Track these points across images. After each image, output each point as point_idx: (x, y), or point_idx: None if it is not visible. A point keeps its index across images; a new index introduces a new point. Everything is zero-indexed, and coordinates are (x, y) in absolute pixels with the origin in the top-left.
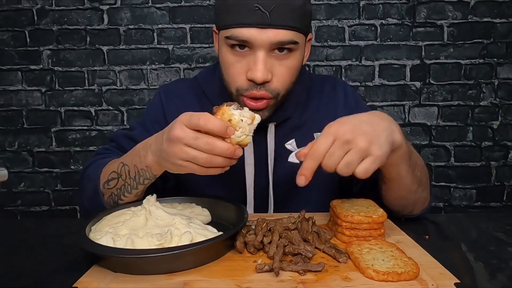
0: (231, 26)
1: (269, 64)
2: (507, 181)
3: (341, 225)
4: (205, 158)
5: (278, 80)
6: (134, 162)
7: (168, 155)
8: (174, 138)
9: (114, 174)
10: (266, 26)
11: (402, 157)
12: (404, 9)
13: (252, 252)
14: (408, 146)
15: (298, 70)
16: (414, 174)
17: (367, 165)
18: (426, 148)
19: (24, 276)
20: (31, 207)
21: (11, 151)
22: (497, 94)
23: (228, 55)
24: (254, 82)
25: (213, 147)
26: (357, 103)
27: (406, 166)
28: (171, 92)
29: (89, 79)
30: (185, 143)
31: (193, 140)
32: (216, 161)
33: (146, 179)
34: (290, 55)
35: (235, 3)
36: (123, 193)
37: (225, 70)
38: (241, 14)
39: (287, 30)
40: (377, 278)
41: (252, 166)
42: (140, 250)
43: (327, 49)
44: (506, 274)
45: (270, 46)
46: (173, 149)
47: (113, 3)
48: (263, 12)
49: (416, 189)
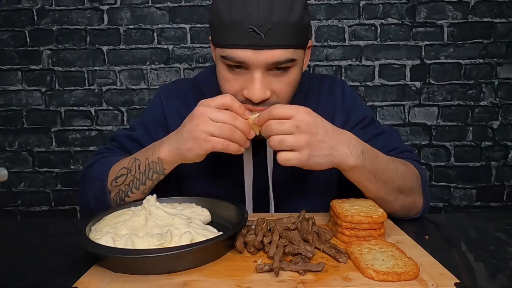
0: (226, 47)
1: (266, 82)
2: (507, 181)
3: (341, 225)
4: (230, 128)
5: (278, 96)
6: (146, 155)
7: (191, 131)
8: (198, 114)
9: (124, 170)
10: (262, 47)
11: (362, 177)
12: (404, 9)
13: (252, 252)
14: (371, 165)
15: (298, 82)
16: (387, 188)
17: (290, 156)
18: (426, 148)
19: (24, 276)
20: (31, 207)
21: (11, 151)
22: (497, 94)
23: (225, 72)
24: (251, 101)
25: (235, 117)
26: (355, 102)
27: (373, 182)
28: (171, 93)
29: (89, 79)
30: (209, 117)
31: (218, 113)
32: (237, 135)
33: (155, 173)
34: (288, 72)
35: (230, 24)
36: (131, 189)
37: (221, 85)
38: (236, 36)
39: (284, 49)
40: (377, 278)
41: (251, 167)
42: (140, 250)
43: (327, 49)
44: (506, 274)
45: (266, 66)
46: (197, 122)
47: (113, 3)
48: (258, 34)
49: (394, 199)
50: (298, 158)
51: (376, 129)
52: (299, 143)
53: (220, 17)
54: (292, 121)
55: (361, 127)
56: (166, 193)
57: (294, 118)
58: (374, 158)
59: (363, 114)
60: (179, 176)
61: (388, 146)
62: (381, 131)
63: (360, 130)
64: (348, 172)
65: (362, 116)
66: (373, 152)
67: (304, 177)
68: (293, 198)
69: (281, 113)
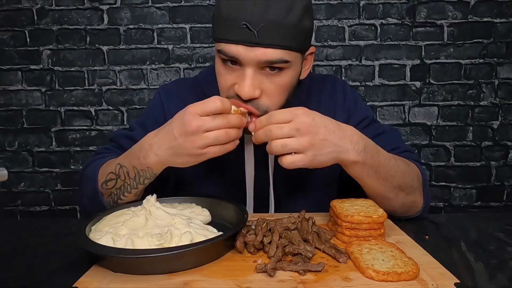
0: (221, 41)
1: (257, 81)
2: (507, 181)
3: (341, 225)
4: (225, 133)
5: (267, 97)
6: (132, 163)
7: (186, 149)
8: (193, 129)
9: (112, 175)
10: (254, 44)
11: (362, 173)
12: (404, 9)
13: (252, 252)
14: (373, 162)
15: (291, 87)
16: (387, 185)
17: (295, 159)
18: (426, 148)
19: (24, 276)
20: (31, 207)
21: (11, 151)
22: (497, 94)
23: (219, 66)
24: (240, 97)
25: (228, 119)
26: (356, 102)
27: (373, 179)
28: (171, 92)
29: (89, 79)
30: (204, 129)
31: (212, 122)
32: (232, 134)
33: (146, 179)
34: (281, 73)
35: (226, 18)
36: (123, 193)
37: (217, 79)
38: (230, 30)
39: (277, 49)
40: (377, 278)
41: (252, 167)
42: (140, 250)
43: (327, 49)
44: (506, 274)
45: (258, 64)
46: (192, 139)
47: (113, 3)
48: (251, 30)
49: (394, 196)
50: (303, 160)
51: (376, 129)
52: (302, 145)
53: (220, 11)
54: (292, 124)
55: (362, 127)
56: (166, 193)
57: (294, 121)
58: (376, 155)
59: (364, 114)
60: (179, 176)
61: (388, 145)
62: (381, 131)
63: (361, 130)
64: (349, 167)
65: (363, 116)
66: (375, 148)
67: (304, 177)
68: (293, 197)
69: (280, 118)
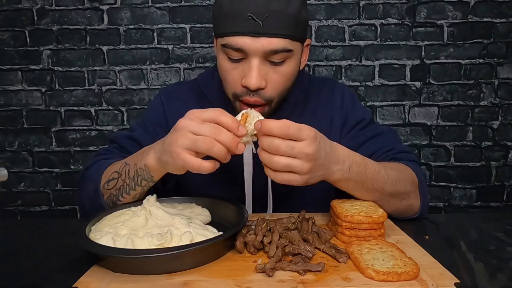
0: (226, 35)
1: (263, 71)
2: (507, 181)
3: (341, 225)
4: (206, 140)
5: (272, 87)
6: (135, 161)
7: (171, 143)
8: (179, 127)
9: (115, 174)
10: (259, 34)
11: (347, 187)
12: (404, 9)
13: (252, 252)
14: (358, 178)
15: (294, 76)
16: (376, 194)
17: (291, 179)
18: (426, 148)
19: (24, 276)
20: (31, 207)
21: (11, 151)
22: (497, 94)
23: (225, 62)
24: (248, 89)
25: (219, 131)
26: (354, 104)
27: (361, 191)
28: (171, 94)
29: (89, 79)
30: (189, 130)
31: (200, 126)
32: (216, 148)
33: (143, 180)
34: (285, 63)
35: (230, 12)
36: (122, 193)
37: (222, 76)
38: (235, 23)
39: (281, 38)
40: (377, 278)
41: (250, 166)
42: (140, 250)
43: (327, 49)
44: (506, 274)
45: (263, 54)
46: (175, 135)
47: (113, 3)
48: (256, 21)
49: (386, 203)
50: (299, 181)
51: (374, 130)
52: (303, 169)
53: (222, 7)
54: (303, 147)
55: (359, 128)
56: (166, 193)
57: (304, 144)
58: (363, 171)
59: (361, 116)
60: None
61: (385, 146)
62: (378, 132)
63: (359, 131)
64: (333, 183)
65: (360, 118)
66: (362, 164)
67: None
68: (292, 197)
69: (291, 133)
